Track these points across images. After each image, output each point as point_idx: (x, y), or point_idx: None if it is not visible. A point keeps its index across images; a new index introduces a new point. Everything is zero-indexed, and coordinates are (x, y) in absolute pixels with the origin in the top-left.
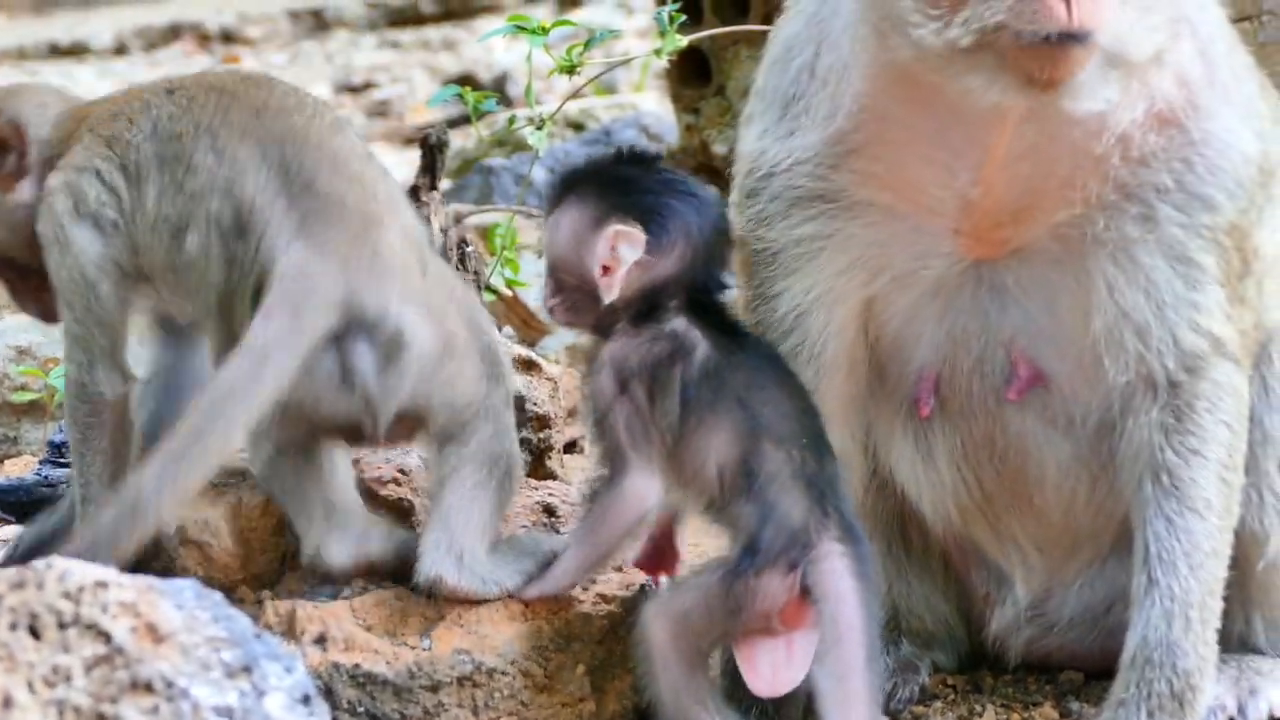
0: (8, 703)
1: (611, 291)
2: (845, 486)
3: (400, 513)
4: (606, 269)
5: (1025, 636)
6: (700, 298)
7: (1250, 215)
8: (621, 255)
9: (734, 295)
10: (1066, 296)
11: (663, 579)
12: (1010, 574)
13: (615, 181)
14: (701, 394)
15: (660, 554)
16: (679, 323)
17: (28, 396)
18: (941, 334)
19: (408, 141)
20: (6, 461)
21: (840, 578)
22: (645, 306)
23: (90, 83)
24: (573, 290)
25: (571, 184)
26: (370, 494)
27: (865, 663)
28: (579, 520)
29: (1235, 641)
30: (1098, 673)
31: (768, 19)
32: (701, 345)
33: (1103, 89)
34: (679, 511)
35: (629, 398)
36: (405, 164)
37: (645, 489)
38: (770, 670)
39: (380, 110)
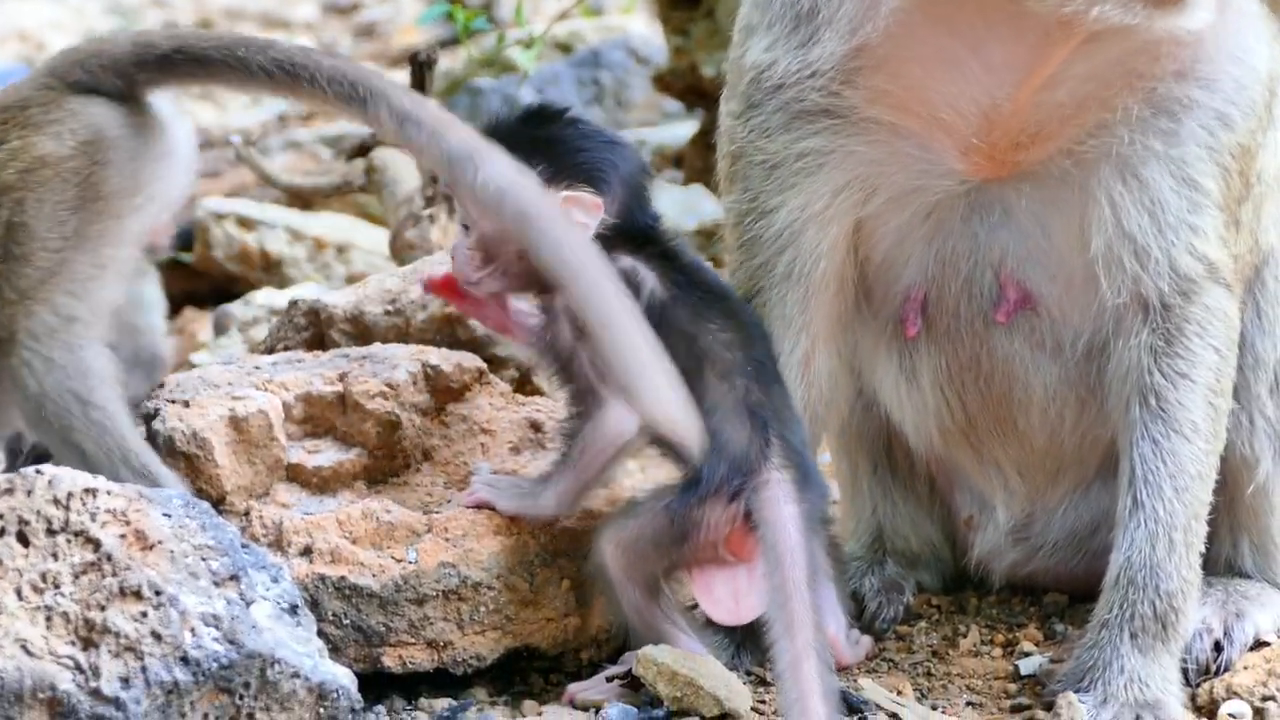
0: None
1: None
2: (793, 413)
3: (389, 426)
4: None
5: (1009, 560)
6: (642, 233)
7: (1258, 137)
8: (578, 222)
9: (724, 209)
10: (1062, 217)
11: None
12: (991, 498)
13: (544, 145)
14: (656, 326)
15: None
16: (626, 261)
17: None
18: (930, 255)
19: (394, 62)
20: None
21: (780, 504)
22: None
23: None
24: (513, 260)
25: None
26: (357, 407)
27: (807, 586)
28: (561, 456)
29: (1222, 566)
30: (1082, 595)
31: None
32: (649, 281)
33: (1205, 5)
34: None
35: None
36: None
37: (623, 417)
38: (730, 599)
39: (367, 31)
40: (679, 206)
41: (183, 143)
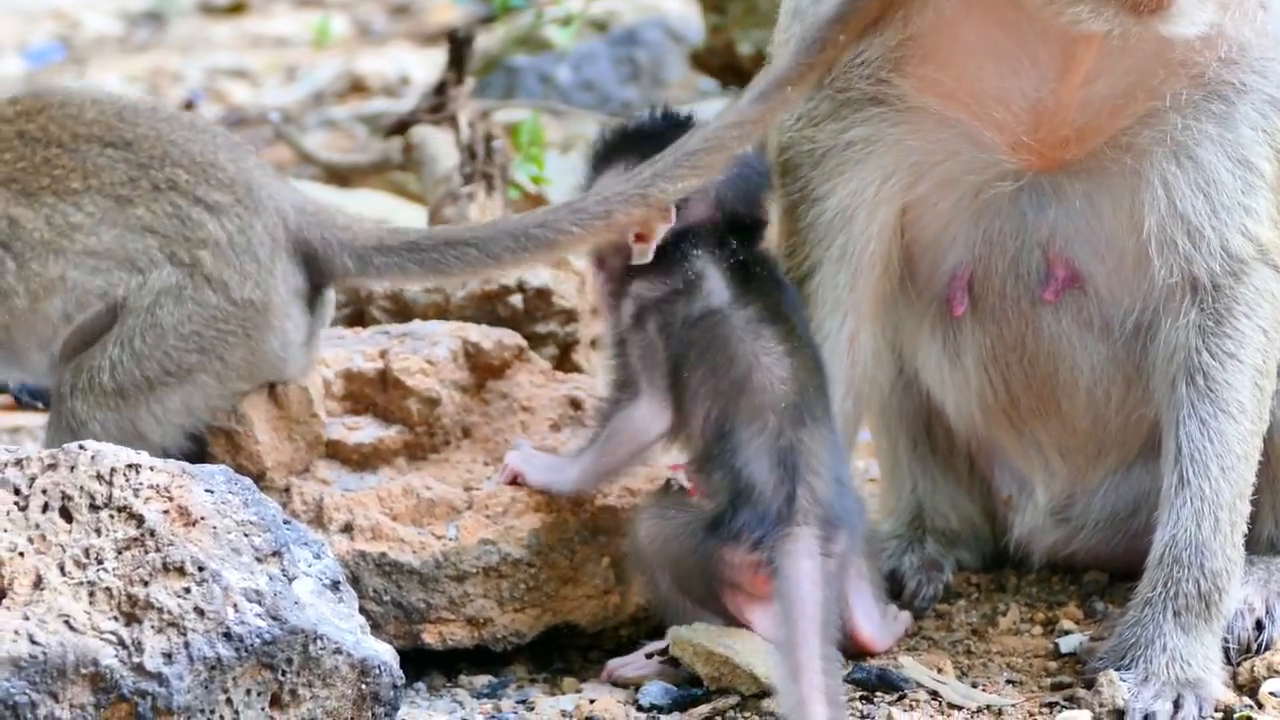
0: (39, 583)
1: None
2: (828, 451)
3: (429, 403)
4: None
5: (1049, 540)
6: (737, 239)
7: None
8: (653, 225)
9: (775, 198)
10: (1113, 198)
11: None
12: (1031, 478)
13: (644, 142)
14: (694, 335)
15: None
16: (698, 260)
17: None
18: (978, 234)
19: (429, 41)
20: None
21: (799, 558)
22: (670, 250)
23: None
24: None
25: (606, 151)
26: (397, 384)
27: (818, 638)
28: (591, 435)
29: (1265, 544)
30: (1122, 574)
31: None
32: (713, 283)
33: (1200, 12)
34: None
35: (642, 329)
36: (427, 63)
37: (652, 417)
38: (763, 625)
39: (402, 10)
40: None
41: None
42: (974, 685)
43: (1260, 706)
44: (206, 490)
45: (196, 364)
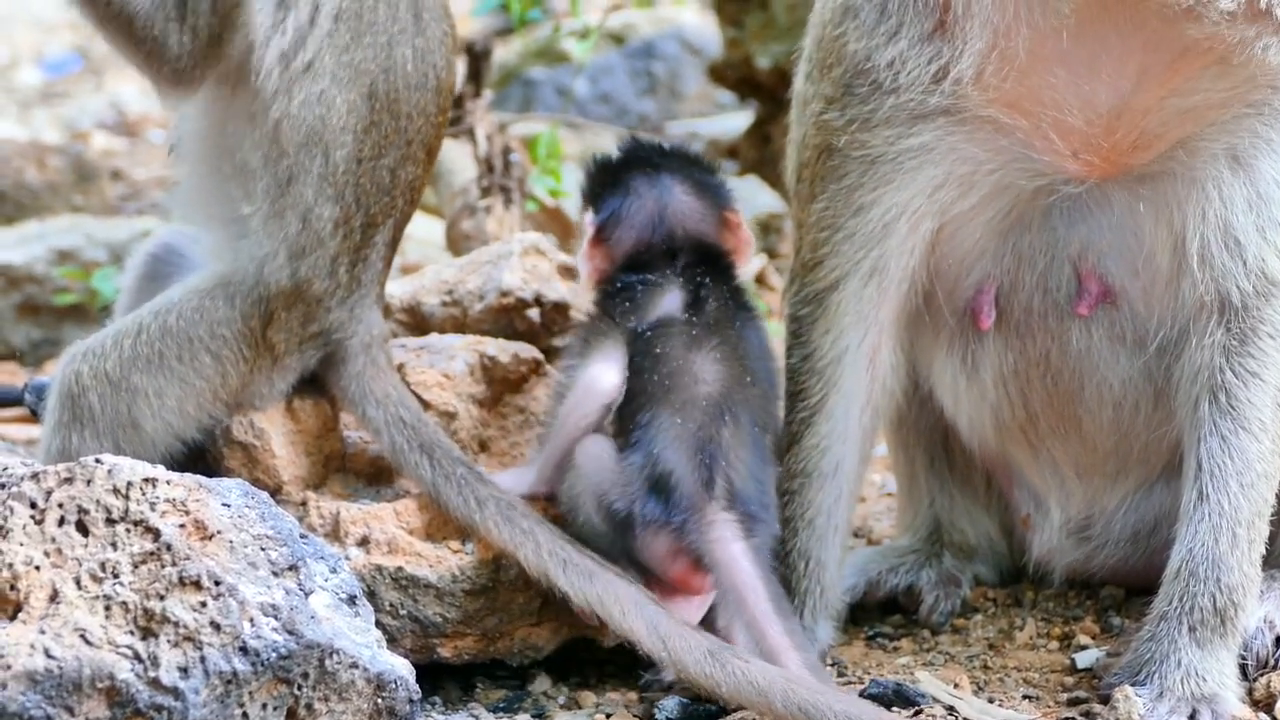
0: (55, 597)
1: (584, 274)
2: (750, 454)
3: (446, 416)
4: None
5: (1069, 559)
6: (669, 255)
7: None
8: (582, 239)
9: (799, 203)
10: (1157, 209)
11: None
12: (1046, 497)
13: (594, 174)
14: (638, 342)
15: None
16: (659, 276)
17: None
18: (1006, 249)
19: None
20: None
21: (728, 543)
22: (629, 277)
23: None
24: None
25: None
26: (415, 397)
27: (775, 612)
28: (543, 435)
29: None
30: (1143, 590)
31: None
32: (670, 299)
33: None
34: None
35: (606, 317)
36: None
37: (603, 375)
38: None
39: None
40: None
41: None
42: (991, 700)
43: None
44: (223, 504)
45: (205, 367)
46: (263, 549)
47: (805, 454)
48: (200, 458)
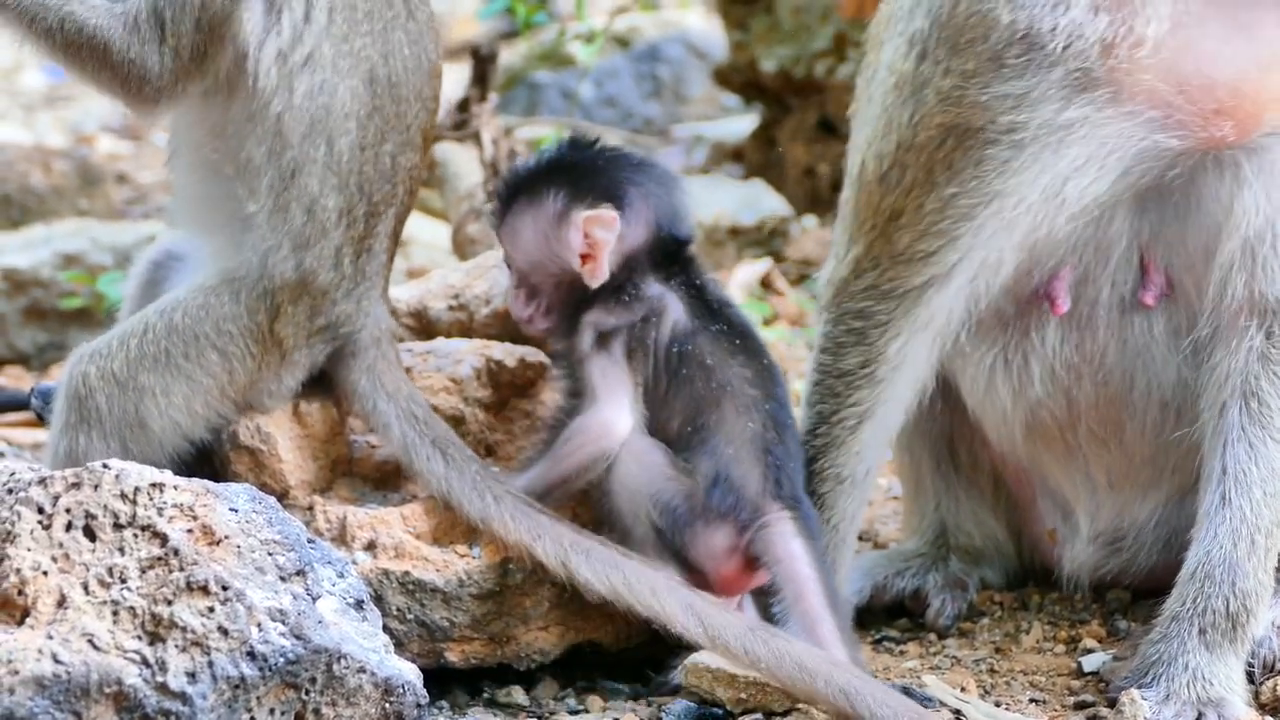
0: (63, 603)
1: (599, 276)
2: (799, 459)
3: (453, 421)
4: (586, 257)
5: (1101, 573)
6: (673, 258)
7: None
8: (599, 239)
9: (889, 188)
10: (1239, 196)
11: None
12: (1074, 506)
13: (566, 171)
14: (671, 356)
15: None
16: (654, 288)
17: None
18: (1089, 233)
19: (453, 55)
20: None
21: (789, 539)
22: (621, 279)
23: None
24: (550, 290)
25: (517, 188)
26: None
27: (829, 608)
28: (540, 448)
29: None
30: (1149, 591)
31: None
32: (675, 311)
33: None
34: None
35: (607, 352)
36: (450, 79)
37: (611, 424)
38: None
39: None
40: (738, 202)
41: None
42: (997, 704)
43: None
44: (230, 509)
45: (212, 364)
46: (270, 554)
47: (844, 460)
48: (207, 462)
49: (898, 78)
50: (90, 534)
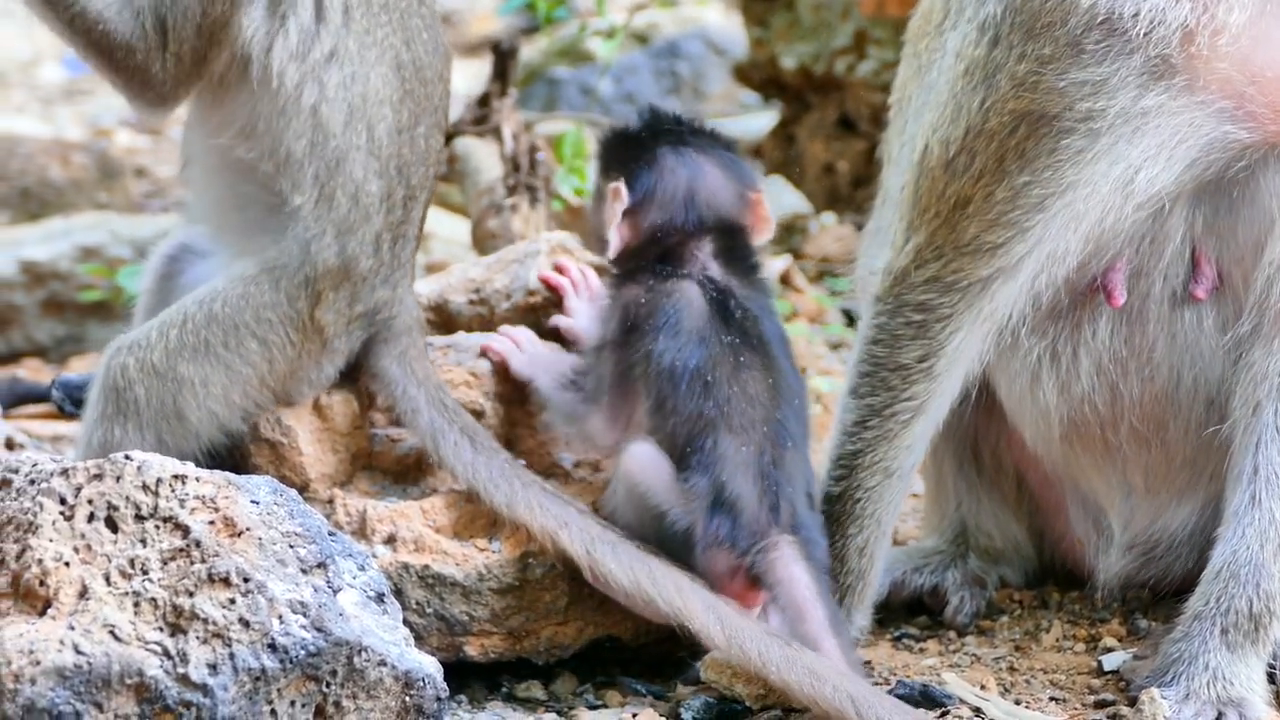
0: (84, 594)
1: (610, 248)
2: (803, 476)
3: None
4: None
5: (1139, 579)
6: (728, 252)
7: None
8: (612, 212)
9: (956, 177)
10: None
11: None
12: (1107, 510)
13: (619, 143)
14: (675, 372)
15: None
16: (680, 285)
17: (94, 296)
18: (1148, 225)
19: (471, 51)
20: (74, 359)
21: (790, 563)
22: (649, 256)
23: None
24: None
25: (597, 154)
26: None
27: (831, 631)
28: (590, 387)
29: None
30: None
31: None
32: (698, 314)
33: None
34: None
35: (622, 345)
36: (470, 74)
37: (598, 434)
38: None
39: (444, 20)
40: None
41: None
42: (1017, 702)
43: None
44: (252, 501)
45: (251, 353)
46: (291, 546)
47: (895, 454)
48: (228, 455)
49: (968, 63)
50: (112, 525)
